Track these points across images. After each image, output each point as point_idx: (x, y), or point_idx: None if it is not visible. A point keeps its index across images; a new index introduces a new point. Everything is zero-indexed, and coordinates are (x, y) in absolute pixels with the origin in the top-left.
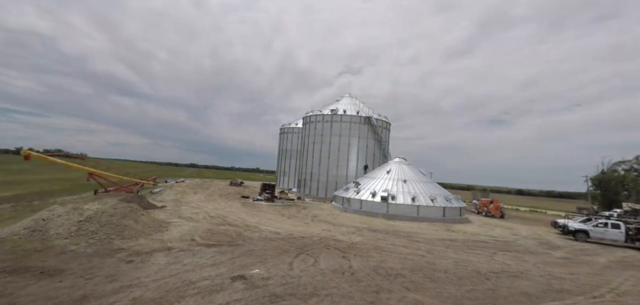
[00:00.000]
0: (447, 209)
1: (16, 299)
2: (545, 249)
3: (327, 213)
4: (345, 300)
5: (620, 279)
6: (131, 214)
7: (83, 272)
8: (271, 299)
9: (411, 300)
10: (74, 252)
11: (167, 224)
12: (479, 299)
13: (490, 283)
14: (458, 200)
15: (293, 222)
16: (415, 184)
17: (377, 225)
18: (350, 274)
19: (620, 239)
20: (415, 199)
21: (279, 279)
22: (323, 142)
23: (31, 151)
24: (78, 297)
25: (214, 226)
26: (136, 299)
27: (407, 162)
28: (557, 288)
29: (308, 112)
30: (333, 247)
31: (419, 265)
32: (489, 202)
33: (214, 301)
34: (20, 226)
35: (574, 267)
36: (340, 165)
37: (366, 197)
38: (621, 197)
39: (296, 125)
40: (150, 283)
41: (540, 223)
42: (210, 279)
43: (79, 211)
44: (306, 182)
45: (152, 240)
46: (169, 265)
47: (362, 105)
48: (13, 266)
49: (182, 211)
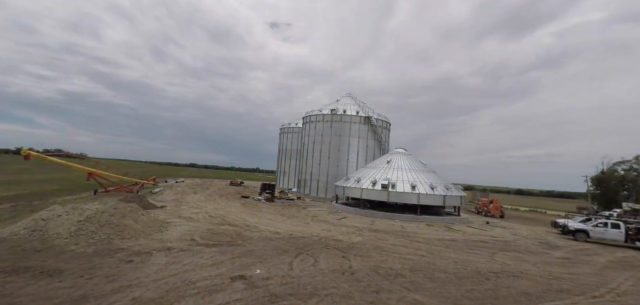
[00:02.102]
0: (447, 197)
1: (16, 299)
2: (545, 249)
3: (326, 213)
4: (345, 300)
5: (620, 279)
6: (131, 214)
7: (83, 272)
8: (271, 299)
9: (411, 300)
10: (73, 252)
11: (167, 224)
12: (479, 299)
13: (490, 283)
14: (458, 189)
15: (293, 222)
16: (416, 173)
17: (377, 225)
18: (350, 274)
19: (620, 239)
20: (415, 187)
21: (278, 279)
22: (323, 142)
23: (31, 151)
24: (78, 297)
25: (213, 226)
26: (136, 299)
27: (407, 152)
28: (557, 288)
29: (308, 112)
30: (333, 247)
31: (418, 265)
32: (489, 202)
33: (214, 301)
34: (20, 226)
35: (574, 267)
36: (340, 165)
37: (367, 186)
38: (621, 197)
39: (296, 125)
40: (150, 283)
41: (540, 223)
42: (210, 279)
43: (78, 211)
44: (306, 182)
45: (152, 240)
46: (169, 265)
47: (362, 104)
48: (13, 266)
49: (182, 211)
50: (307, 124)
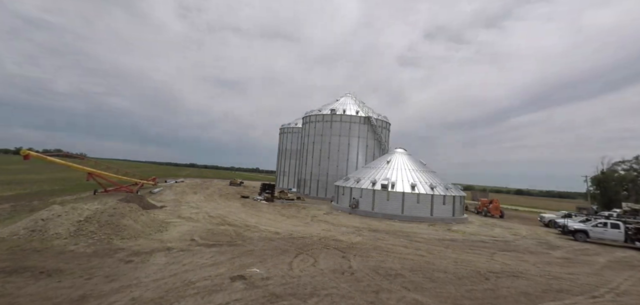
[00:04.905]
0: (447, 197)
1: (15, 299)
2: (544, 249)
3: (325, 213)
4: (344, 300)
5: (620, 279)
6: (131, 214)
7: (82, 272)
8: (271, 299)
9: (411, 300)
10: (73, 252)
11: (166, 224)
12: (479, 299)
13: (490, 283)
14: (457, 189)
15: (293, 222)
16: (415, 173)
17: (377, 225)
18: (350, 274)
19: (619, 239)
20: (415, 187)
21: (278, 279)
22: (323, 142)
23: (30, 151)
24: (77, 297)
25: (213, 226)
26: (135, 299)
27: (407, 152)
28: (557, 288)
29: (308, 112)
30: (333, 247)
31: (418, 265)
32: (489, 202)
33: (214, 301)
34: (20, 226)
35: (574, 267)
36: (340, 165)
37: (366, 186)
38: (621, 197)
39: (296, 125)
40: (150, 283)
41: (540, 223)
42: (209, 279)
43: (78, 211)
44: (306, 182)
45: (151, 240)
46: (169, 265)
47: (361, 104)
48: (12, 266)
49: (182, 211)
50: (307, 124)
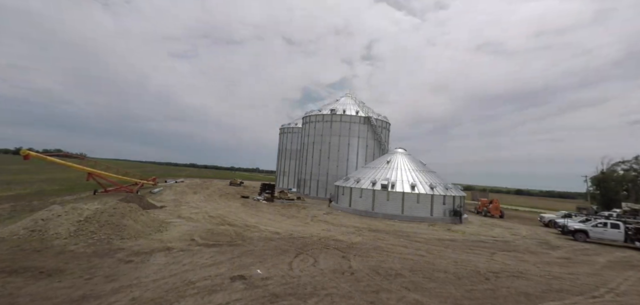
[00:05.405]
0: (447, 198)
1: (15, 299)
2: (544, 249)
3: (325, 213)
4: (344, 300)
5: (620, 279)
6: (131, 214)
7: (82, 272)
8: (271, 299)
9: (411, 300)
10: (73, 252)
11: (166, 224)
12: (479, 299)
13: (490, 283)
14: (457, 189)
15: (293, 222)
16: (415, 173)
17: (377, 225)
18: (350, 274)
19: (619, 239)
20: (414, 187)
21: (278, 279)
22: (323, 142)
23: (30, 151)
24: (77, 297)
25: (213, 226)
26: (135, 299)
27: (407, 152)
28: (557, 288)
29: (308, 112)
30: (333, 247)
31: (418, 265)
32: (489, 202)
33: (214, 301)
34: (20, 226)
35: (574, 267)
36: (340, 165)
37: (366, 186)
38: (620, 197)
39: (296, 125)
40: (150, 283)
41: (540, 223)
42: (209, 279)
43: (78, 211)
44: (306, 182)
45: (151, 240)
46: (169, 265)
47: (361, 105)
48: (12, 266)
49: (182, 211)
50: (306, 124)
